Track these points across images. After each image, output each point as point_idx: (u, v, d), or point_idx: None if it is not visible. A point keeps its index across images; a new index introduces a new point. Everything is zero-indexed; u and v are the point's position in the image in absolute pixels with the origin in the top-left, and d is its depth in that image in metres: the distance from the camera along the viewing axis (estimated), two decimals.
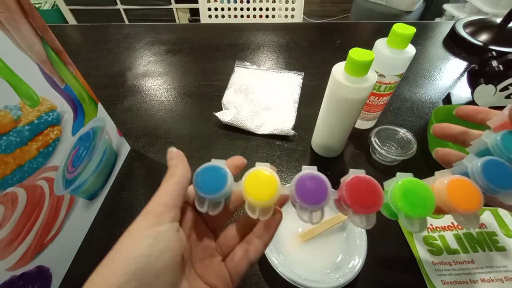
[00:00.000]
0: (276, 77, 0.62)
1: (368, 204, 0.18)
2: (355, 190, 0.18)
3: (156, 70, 0.67)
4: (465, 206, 0.18)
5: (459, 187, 0.18)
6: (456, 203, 0.18)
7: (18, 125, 0.27)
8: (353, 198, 0.18)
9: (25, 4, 0.26)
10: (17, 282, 0.27)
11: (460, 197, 0.18)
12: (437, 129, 0.25)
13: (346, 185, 0.19)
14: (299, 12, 1.05)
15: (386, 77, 0.41)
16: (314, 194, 0.18)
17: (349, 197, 0.18)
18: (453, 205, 0.18)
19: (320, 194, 0.18)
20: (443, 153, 0.25)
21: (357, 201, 0.18)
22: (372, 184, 0.19)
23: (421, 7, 1.79)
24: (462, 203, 0.18)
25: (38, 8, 1.80)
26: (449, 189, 0.18)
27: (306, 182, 0.19)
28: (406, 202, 0.18)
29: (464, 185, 0.19)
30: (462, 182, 0.19)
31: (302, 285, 0.30)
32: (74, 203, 0.35)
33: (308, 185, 0.19)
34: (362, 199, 0.18)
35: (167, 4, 1.81)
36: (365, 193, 0.18)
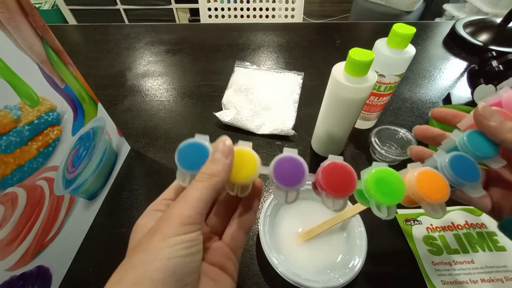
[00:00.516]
0: (276, 77, 0.62)
1: (341, 188, 0.19)
2: (330, 174, 0.19)
3: (156, 70, 0.67)
4: (433, 196, 0.19)
5: (428, 179, 0.20)
6: (424, 193, 0.19)
7: (18, 125, 0.27)
8: (327, 182, 0.19)
9: (25, 4, 0.26)
10: (17, 282, 0.27)
11: (428, 187, 0.19)
12: (417, 131, 0.27)
13: (322, 170, 0.20)
14: (299, 12, 1.05)
15: (386, 77, 0.41)
16: (291, 176, 0.19)
17: (323, 180, 0.19)
18: (421, 195, 0.19)
19: (297, 176, 0.19)
20: (416, 151, 0.27)
21: (330, 185, 0.19)
22: (347, 171, 0.19)
23: (421, 7, 1.79)
24: (430, 193, 0.19)
25: (38, 8, 1.80)
26: (418, 180, 0.20)
27: (284, 164, 0.19)
28: (378, 190, 0.19)
29: (432, 176, 0.20)
30: (431, 174, 0.20)
31: (302, 285, 0.30)
32: (74, 203, 0.35)
33: (286, 167, 0.19)
34: (335, 184, 0.19)
35: (167, 4, 1.81)
36: (339, 178, 0.19)
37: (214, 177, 0.18)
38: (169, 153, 0.48)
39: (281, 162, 0.20)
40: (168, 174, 0.45)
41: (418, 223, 0.38)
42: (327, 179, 0.19)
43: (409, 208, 0.40)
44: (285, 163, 0.19)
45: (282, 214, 0.37)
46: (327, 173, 0.19)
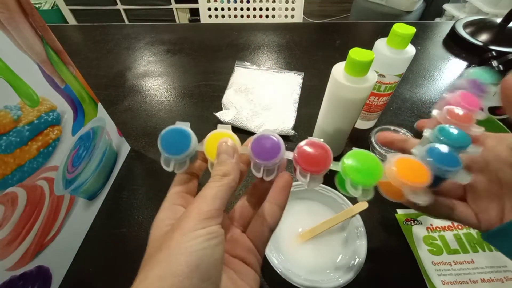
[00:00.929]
0: (276, 77, 0.62)
1: (315, 163, 0.20)
2: (306, 152, 0.20)
3: (156, 70, 0.67)
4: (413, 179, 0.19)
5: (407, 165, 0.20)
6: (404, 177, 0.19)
7: (18, 125, 0.27)
8: (302, 158, 0.20)
9: (25, 4, 0.26)
10: (17, 282, 0.27)
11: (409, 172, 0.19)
12: (380, 137, 0.27)
13: (299, 147, 0.20)
14: (299, 12, 1.05)
15: (386, 77, 0.41)
16: (268, 152, 0.20)
17: (299, 156, 0.20)
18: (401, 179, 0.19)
19: (274, 151, 0.20)
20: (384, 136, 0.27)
21: (305, 160, 0.20)
22: (323, 148, 0.20)
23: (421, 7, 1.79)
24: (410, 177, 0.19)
25: (38, 8, 1.80)
26: (397, 165, 0.20)
27: (262, 141, 0.20)
28: (354, 169, 0.19)
29: (412, 163, 0.20)
30: (410, 161, 0.20)
31: (302, 285, 0.30)
32: (74, 203, 0.35)
33: (263, 144, 0.20)
34: (310, 160, 0.20)
35: (167, 4, 1.81)
36: (315, 156, 0.20)
37: (226, 177, 0.19)
38: None
39: (258, 140, 0.20)
40: (168, 174, 0.44)
41: (418, 223, 0.38)
42: (303, 155, 0.20)
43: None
44: (263, 141, 0.20)
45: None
46: (303, 150, 0.20)
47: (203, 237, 0.16)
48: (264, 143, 0.20)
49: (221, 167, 0.19)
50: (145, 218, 0.40)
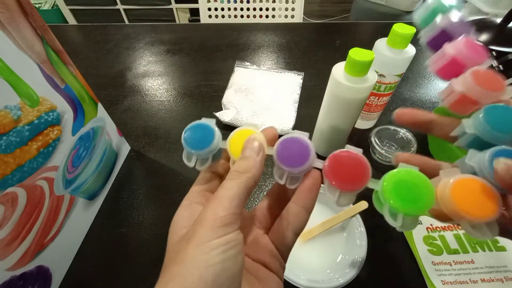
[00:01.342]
0: (276, 77, 0.62)
1: (348, 180, 0.17)
2: (340, 164, 0.17)
3: (156, 70, 0.67)
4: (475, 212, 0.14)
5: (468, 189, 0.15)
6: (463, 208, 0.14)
7: (18, 125, 0.27)
8: (334, 171, 0.17)
9: (25, 4, 0.26)
10: (17, 282, 0.27)
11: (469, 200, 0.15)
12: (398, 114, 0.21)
13: (331, 156, 0.17)
14: (299, 12, 1.05)
15: (386, 77, 0.41)
16: (295, 157, 0.18)
17: (330, 168, 0.17)
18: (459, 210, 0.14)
19: (302, 158, 0.18)
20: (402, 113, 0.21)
21: (337, 174, 0.17)
22: (361, 163, 0.17)
23: None
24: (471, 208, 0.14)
25: (38, 8, 1.80)
26: (454, 190, 0.15)
27: (289, 144, 0.18)
28: (396, 193, 0.15)
29: (474, 186, 0.15)
30: (472, 182, 0.15)
31: (302, 285, 0.30)
32: (74, 203, 0.35)
33: (291, 148, 0.18)
34: (343, 174, 0.17)
35: (167, 4, 1.81)
36: (350, 170, 0.17)
37: (245, 174, 0.17)
38: (169, 153, 0.48)
39: (285, 143, 0.18)
40: (168, 174, 0.45)
41: (418, 223, 0.38)
42: (334, 167, 0.17)
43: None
44: (291, 144, 0.18)
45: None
46: (336, 161, 0.17)
47: (219, 249, 0.15)
48: (292, 147, 0.18)
49: (243, 162, 0.18)
50: (145, 218, 0.40)
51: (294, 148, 0.18)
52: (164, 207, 0.41)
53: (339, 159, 0.17)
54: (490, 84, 0.18)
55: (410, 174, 0.16)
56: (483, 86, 0.17)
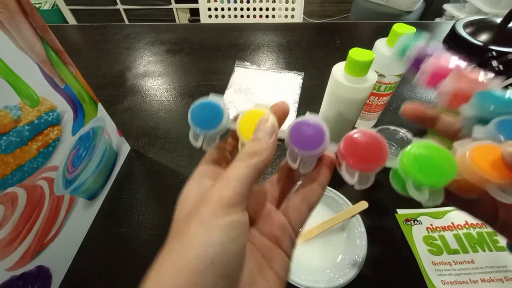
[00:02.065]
0: (276, 77, 0.62)
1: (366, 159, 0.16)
2: (356, 143, 0.16)
3: (156, 70, 0.67)
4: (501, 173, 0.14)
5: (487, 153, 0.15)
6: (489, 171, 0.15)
7: (18, 125, 0.27)
8: (350, 151, 0.16)
9: (25, 4, 0.26)
10: (17, 282, 0.27)
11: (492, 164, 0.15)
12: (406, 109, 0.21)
13: (346, 137, 0.17)
14: (299, 12, 1.05)
15: (386, 77, 0.41)
16: (309, 140, 0.17)
17: (346, 148, 0.17)
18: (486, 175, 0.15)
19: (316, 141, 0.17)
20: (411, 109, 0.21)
21: (354, 154, 0.16)
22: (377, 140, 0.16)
23: (421, 7, 1.79)
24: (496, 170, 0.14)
25: (38, 8, 1.80)
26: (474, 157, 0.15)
27: (303, 127, 0.18)
28: (417, 166, 0.15)
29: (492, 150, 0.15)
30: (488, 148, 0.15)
31: (302, 285, 0.30)
32: (74, 203, 0.35)
33: (305, 131, 0.18)
34: (360, 154, 0.16)
35: (167, 4, 1.81)
36: (367, 149, 0.16)
37: (256, 156, 0.17)
38: (169, 153, 0.48)
39: (299, 125, 0.18)
40: (168, 174, 0.45)
41: (418, 223, 0.38)
42: (351, 148, 0.16)
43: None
44: (304, 127, 0.18)
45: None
46: (351, 141, 0.16)
47: (221, 229, 0.14)
48: (305, 130, 0.17)
49: (254, 143, 0.17)
50: (145, 218, 0.40)
51: (307, 131, 0.17)
52: (164, 207, 0.41)
53: (354, 139, 0.17)
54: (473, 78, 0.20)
55: (428, 147, 0.16)
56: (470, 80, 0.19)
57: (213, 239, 0.14)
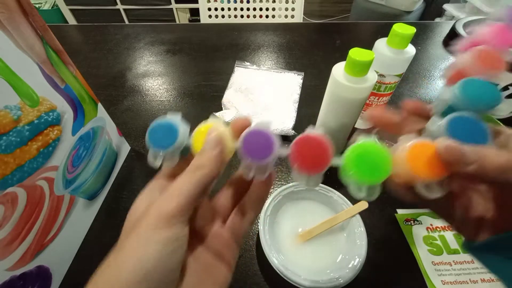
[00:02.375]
0: (276, 77, 0.62)
1: (312, 162, 0.17)
2: (303, 148, 0.18)
3: (156, 70, 0.67)
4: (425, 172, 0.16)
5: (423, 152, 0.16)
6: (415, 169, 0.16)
7: (18, 125, 0.27)
8: (298, 156, 0.17)
9: (25, 4, 0.26)
10: (17, 282, 0.27)
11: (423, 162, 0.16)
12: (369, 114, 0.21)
13: (295, 142, 0.18)
14: (299, 12, 1.05)
15: (386, 77, 0.41)
16: (260, 149, 0.18)
17: (295, 153, 0.18)
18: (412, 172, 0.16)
19: (267, 149, 0.18)
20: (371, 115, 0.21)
21: (302, 158, 0.17)
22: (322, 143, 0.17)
23: (421, 7, 1.79)
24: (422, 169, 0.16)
25: (38, 8, 1.80)
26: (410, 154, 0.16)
27: (253, 137, 0.18)
28: (357, 166, 0.16)
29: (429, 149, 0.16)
30: (427, 146, 0.16)
31: (302, 285, 0.30)
32: (74, 203, 0.35)
33: (256, 141, 0.18)
34: (307, 157, 0.17)
35: (167, 4, 1.81)
36: (313, 152, 0.17)
37: (200, 169, 0.17)
38: None
39: (249, 136, 0.18)
40: None
41: (418, 223, 0.38)
42: (299, 153, 0.17)
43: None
44: (254, 137, 0.18)
45: (282, 214, 0.37)
46: (299, 146, 0.18)
47: (158, 243, 0.14)
48: (256, 139, 0.18)
49: (199, 157, 0.17)
50: None
51: (258, 140, 0.18)
52: None
53: (301, 144, 0.18)
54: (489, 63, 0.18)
55: (369, 146, 0.17)
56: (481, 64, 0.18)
57: (149, 253, 0.14)
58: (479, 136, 0.16)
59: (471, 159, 0.15)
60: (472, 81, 0.18)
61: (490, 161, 0.15)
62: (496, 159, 0.15)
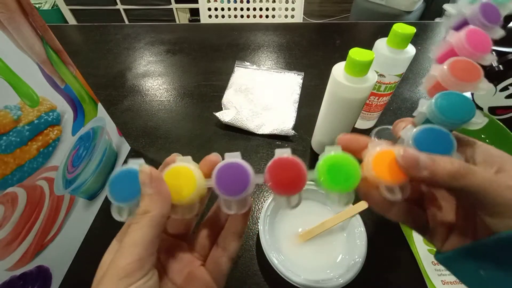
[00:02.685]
0: (276, 77, 0.62)
1: (288, 185, 0.17)
2: (277, 173, 0.18)
3: (156, 70, 0.67)
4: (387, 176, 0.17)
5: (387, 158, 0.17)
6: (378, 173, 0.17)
7: (18, 125, 0.27)
8: (274, 181, 0.17)
9: (25, 4, 0.26)
10: (17, 282, 0.27)
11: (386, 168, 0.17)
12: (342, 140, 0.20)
13: (268, 168, 0.18)
14: (299, 12, 1.05)
15: (386, 77, 0.41)
16: (236, 183, 0.17)
17: (270, 179, 0.17)
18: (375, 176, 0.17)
19: (243, 182, 0.17)
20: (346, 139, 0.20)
21: (278, 183, 0.17)
22: (295, 165, 0.18)
23: (421, 7, 1.79)
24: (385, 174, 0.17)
25: (38, 8, 1.80)
26: (375, 159, 0.17)
27: (227, 172, 0.18)
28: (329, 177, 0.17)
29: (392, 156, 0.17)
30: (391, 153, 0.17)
31: (302, 285, 0.30)
32: (74, 203, 0.35)
33: (229, 174, 0.18)
34: (283, 181, 0.17)
35: (167, 4, 1.81)
36: (288, 175, 0.17)
37: (146, 213, 0.16)
38: (169, 153, 0.47)
39: (222, 171, 0.18)
40: None
41: None
42: (274, 177, 0.17)
43: None
44: (228, 170, 0.18)
45: (282, 214, 0.37)
46: (273, 171, 0.18)
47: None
48: (229, 173, 0.17)
49: (142, 201, 0.17)
50: None
51: (231, 173, 0.18)
52: None
53: (275, 168, 0.18)
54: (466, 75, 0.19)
55: (338, 157, 0.18)
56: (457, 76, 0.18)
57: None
58: (444, 147, 0.17)
59: (424, 166, 0.16)
60: (447, 95, 0.18)
61: (442, 168, 0.16)
62: (448, 166, 0.16)
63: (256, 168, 0.46)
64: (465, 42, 0.20)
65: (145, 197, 0.17)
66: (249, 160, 0.48)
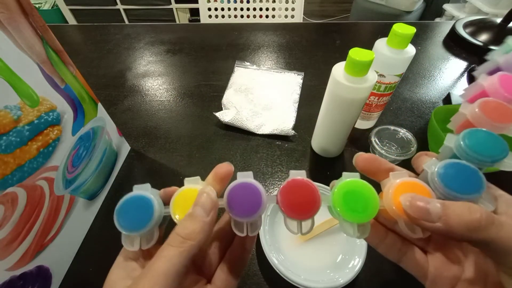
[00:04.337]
0: (276, 77, 0.62)
1: (301, 209, 0.17)
2: (290, 196, 0.17)
3: (156, 70, 0.67)
4: None
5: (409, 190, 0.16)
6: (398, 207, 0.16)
7: (18, 125, 0.27)
8: (287, 204, 0.17)
9: (25, 4, 0.26)
10: (17, 282, 0.27)
11: None
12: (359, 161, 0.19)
13: (281, 190, 0.17)
14: (299, 12, 1.05)
15: (386, 77, 0.41)
16: (248, 204, 0.17)
17: (283, 202, 0.17)
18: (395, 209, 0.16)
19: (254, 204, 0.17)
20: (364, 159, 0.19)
21: (290, 206, 0.17)
22: (309, 188, 0.17)
23: (421, 7, 1.79)
24: None
25: (38, 8, 1.80)
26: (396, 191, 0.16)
27: (239, 192, 0.17)
28: (345, 206, 0.16)
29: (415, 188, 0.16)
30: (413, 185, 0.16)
31: (302, 285, 0.30)
32: (74, 203, 0.35)
33: (241, 195, 0.17)
34: (295, 205, 0.17)
35: (167, 4, 1.81)
36: (301, 198, 0.17)
37: (190, 240, 0.15)
38: (169, 153, 0.48)
39: (234, 191, 0.17)
40: (168, 174, 0.45)
41: None
42: (287, 201, 0.17)
43: None
44: (240, 191, 0.17)
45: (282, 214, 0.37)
46: (286, 193, 0.17)
47: None
48: (241, 195, 0.17)
49: (189, 223, 0.15)
50: None
51: (243, 194, 0.17)
52: None
53: (289, 191, 0.17)
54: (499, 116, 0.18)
55: (355, 184, 0.17)
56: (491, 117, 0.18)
57: None
58: (473, 185, 0.16)
59: (436, 216, 0.14)
60: (477, 132, 0.17)
61: (457, 217, 0.14)
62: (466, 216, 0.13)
63: (256, 168, 0.46)
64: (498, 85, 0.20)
65: (198, 221, 0.15)
66: (249, 160, 0.48)
